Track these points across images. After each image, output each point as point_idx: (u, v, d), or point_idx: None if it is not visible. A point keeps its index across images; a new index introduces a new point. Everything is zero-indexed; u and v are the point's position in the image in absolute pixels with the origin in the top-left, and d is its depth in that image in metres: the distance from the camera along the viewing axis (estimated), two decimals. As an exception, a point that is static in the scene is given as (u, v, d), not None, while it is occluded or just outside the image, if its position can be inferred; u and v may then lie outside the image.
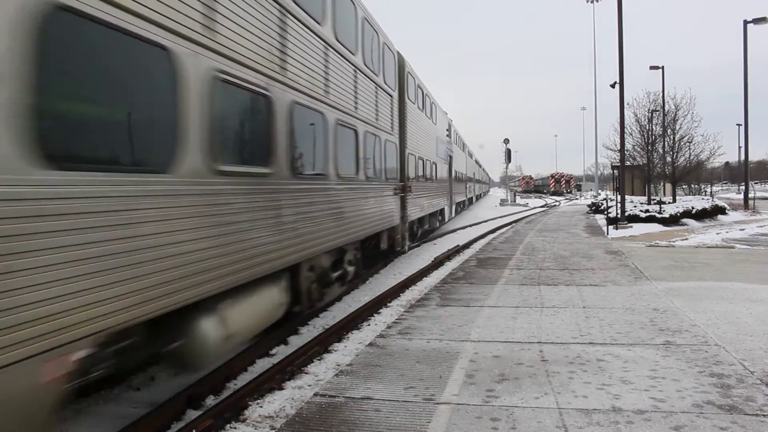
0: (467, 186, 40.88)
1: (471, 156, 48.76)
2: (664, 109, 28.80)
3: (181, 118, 4.71)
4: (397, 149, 14.05)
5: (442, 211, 24.55)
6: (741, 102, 29.60)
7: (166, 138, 4.60)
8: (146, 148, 4.47)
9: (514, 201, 59.82)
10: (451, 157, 27.39)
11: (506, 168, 70.02)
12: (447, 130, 26.42)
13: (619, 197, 21.44)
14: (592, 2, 47.24)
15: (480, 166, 64.59)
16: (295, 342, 7.94)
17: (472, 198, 48.26)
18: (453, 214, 30.59)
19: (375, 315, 9.43)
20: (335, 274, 9.30)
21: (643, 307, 7.68)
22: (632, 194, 31.18)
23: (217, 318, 5.33)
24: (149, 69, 4.45)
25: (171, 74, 4.61)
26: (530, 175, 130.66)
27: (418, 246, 19.07)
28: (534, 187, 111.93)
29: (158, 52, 4.44)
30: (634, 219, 21.90)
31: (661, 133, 28.86)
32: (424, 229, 20.21)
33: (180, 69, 4.67)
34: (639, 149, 29.42)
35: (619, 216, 20.97)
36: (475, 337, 6.33)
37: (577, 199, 72.44)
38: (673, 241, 16.20)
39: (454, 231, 25.33)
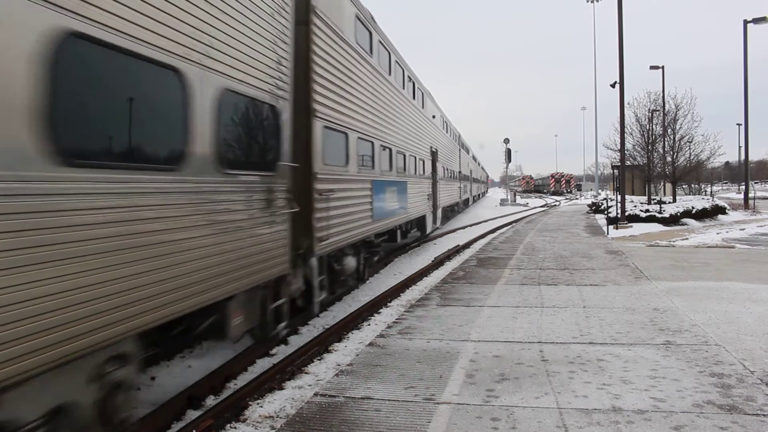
0: (469, 186, 41.10)
1: (475, 159, 49.04)
2: (664, 109, 28.79)
3: None
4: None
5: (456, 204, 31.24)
6: (741, 102, 29.64)
7: None
8: None
9: (514, 201, 59.83)
10: (459, 162, 31.14)
11: (506, 168, 70.01)
12: (449, 133, 28.16)
13: (619, 197, 21.44)
14: (592, 2, 47.15)
15: (479, 165, 64.60)
16: (295, 342, 7.93)
17: (475, 197, 48.44)
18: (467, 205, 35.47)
19: (375, 315, 9.42)
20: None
21: (644, 306, 7.68)
22: (632, 194, 31.17)
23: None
24: None
25: None
26: (530, 175, 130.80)
27: (419, 246, 19.09)
28: (534, 187, 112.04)
29: None
30: (634, 219, 21.89)
31: (661, 132, 28.83)
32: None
33: None
34: (639, 149, 29.35)
35: (619, 216, 20.96)
36: (475, 337, 6.33)
37: (577, 198, 72.40)
38: (674, 241, 16.20)
39: (454, 231, 25.34)
